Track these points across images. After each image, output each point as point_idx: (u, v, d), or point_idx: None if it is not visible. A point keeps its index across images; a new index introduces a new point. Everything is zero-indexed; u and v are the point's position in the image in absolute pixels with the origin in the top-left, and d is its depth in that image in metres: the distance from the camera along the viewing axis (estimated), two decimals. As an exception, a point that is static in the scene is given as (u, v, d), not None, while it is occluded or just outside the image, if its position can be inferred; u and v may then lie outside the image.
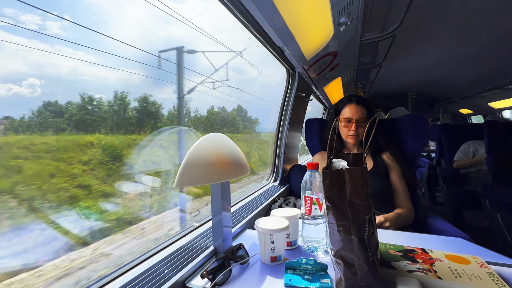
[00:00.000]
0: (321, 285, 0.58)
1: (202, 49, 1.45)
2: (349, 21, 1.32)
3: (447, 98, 4.41)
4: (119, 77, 0.94)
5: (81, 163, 1.14)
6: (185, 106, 1.45)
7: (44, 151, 0.95)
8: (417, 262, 0.63)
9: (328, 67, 1.91)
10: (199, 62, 1.41)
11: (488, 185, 1.98)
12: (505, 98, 3.58)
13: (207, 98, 1.53)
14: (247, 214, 1.09)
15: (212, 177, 0.63)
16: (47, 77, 0.73)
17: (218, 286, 0.60)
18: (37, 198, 0.92)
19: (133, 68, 0.98)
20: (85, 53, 0.80)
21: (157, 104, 1.51)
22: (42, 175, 0.95)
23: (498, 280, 0.54)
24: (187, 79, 1.31)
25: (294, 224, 0.78)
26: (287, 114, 1.76)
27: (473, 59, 2.51)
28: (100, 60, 0.85)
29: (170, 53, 1.11)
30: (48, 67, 0.73)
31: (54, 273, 0.91)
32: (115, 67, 0.91)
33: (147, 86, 1.08)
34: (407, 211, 1.10)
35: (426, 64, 2.87)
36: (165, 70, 1.16)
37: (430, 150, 4.53)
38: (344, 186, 0.54)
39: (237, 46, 1.44)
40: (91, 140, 1.13)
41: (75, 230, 1.05)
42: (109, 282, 0.62)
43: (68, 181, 1.05)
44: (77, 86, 0.82)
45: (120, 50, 0.92)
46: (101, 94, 0.99)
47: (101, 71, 0.86)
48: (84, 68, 0.81)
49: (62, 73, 0.77)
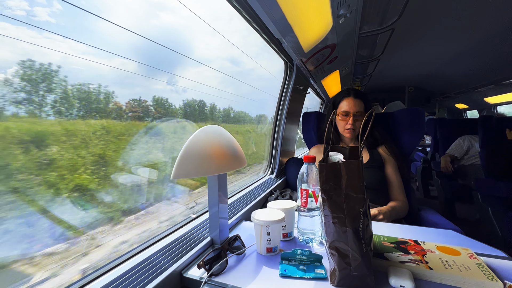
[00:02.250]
0: (316, 275, 0.59)
1: (197, 38, 1.42)
2: (348, 13, 1.31)
3: (443, 93, 4.43)
4: (114, 66, 0.92)
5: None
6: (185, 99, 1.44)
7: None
8: (409, 253, 0.65)
9: (326, 60, 1.90)
10: (196, 52, 1.38)
11: (481, 179, 2.01)
12: (500, 94, 3.61)
13: (203, 89, 1.51)
14: (243, 206, 1.10)
15: (209, 169, 0.64)
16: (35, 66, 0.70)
17: (215, 276, 0.61)
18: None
19: (127, 58, 0.96)
20: (75, 42, 0.77)
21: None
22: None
23: (487, 271, 0.55)
24: (180, 77, 1.29)
25: (290, 216, 0.79)
26: (285, 107, 1.76)
27: (470, 54, 2.52)
28: (92, 49, 0.82)
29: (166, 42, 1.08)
30: (37, 55, 0.71)
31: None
32: (107, 57, 0.88)
33: (141, 77, 1.06)
34: (401, 204, 1.12)
35: (423, 58, 2.86)
36: (155, 69, 1.14)
37: (426, 144, 4.58)
38: (340, 179, 0.55)
39: (234, 37, 1.41)
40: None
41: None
42: (107, 272, 0.62)
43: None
44: (68, 75, 0.79)
45: (112, 38, 0.89)
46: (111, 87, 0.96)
47: (93, 61, 0.84)
48: (74, 57, 0.78)
49: (52, 62, 0.74)
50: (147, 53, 1.05)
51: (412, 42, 2.32)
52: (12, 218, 0.65)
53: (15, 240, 0.66)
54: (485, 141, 2.11)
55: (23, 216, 0.67)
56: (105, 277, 0.59)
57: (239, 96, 2.02)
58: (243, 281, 0.59)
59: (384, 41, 2.13)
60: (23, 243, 0.68)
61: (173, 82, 1.27)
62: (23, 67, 0.67)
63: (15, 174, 0.66)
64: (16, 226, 0.66)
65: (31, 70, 0.70)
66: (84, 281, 0.59)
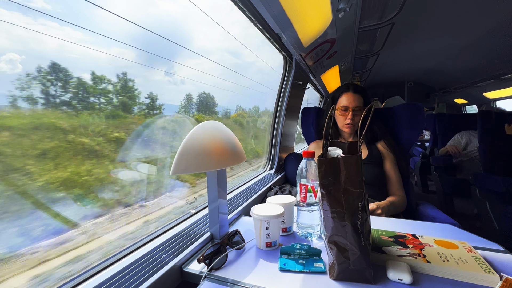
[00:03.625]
0: (315, 269, 0.60)
1: (197, 28, 1.40)
2: (347, 7, 1.29)
3: (443, 88, 4.41)
4: (111, 55, 0.90)
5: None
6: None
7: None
8: (407, 247, 0.65)
9: (326, 55, 1.89)
10: (195, 43, 1.36)
11: (479, 174, 2.02)
12: (499, 88, 3.60)
13: (203, 81, 1.49)
14: (243, 201, 1.10)
15: (208, 165, 0.64)
16: (30, 53, 0.68)
17: (215, 270, 0.62)
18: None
19: (125, 47, 0.94)
20: (72, 29, 0.76)
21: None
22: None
23: (484, 264, 0.56)
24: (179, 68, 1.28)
25: (289, 211, 0.79)
26: (284, 102, 1.75)
27: (469, 49, 2.50)
28: (88, 38, 0.81)
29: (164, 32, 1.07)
30: (33, 43, 0.69)
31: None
32: (105, 45, 0.87)
33: (139, 67, 1.04)
34: (400, 198, 1.13)
35: (423, 53, 2.84)
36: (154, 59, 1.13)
37: (424, 139, 4.59)
38: (339, 174, 0.55)
39: (234, 28, 1.38)
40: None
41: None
42: (108, 266, 0.63)
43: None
44: (64, 64, 0.77)
45: (110, 27, 0.87)
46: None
47: (90, 50, 0.82)
48: (71, 46, 0.76)
49: (48, 50, 0.73)
50: (145, 43, 1.03)
51: (412, 37, 2.30)
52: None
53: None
54: (484, 136, 2.12)
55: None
56: (106, 272, 0.60)
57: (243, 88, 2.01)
58: (243, 275, 0.60)
59: (384, 35, 2.12)
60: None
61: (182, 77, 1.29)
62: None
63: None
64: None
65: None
66: (85, 276, 0.59)
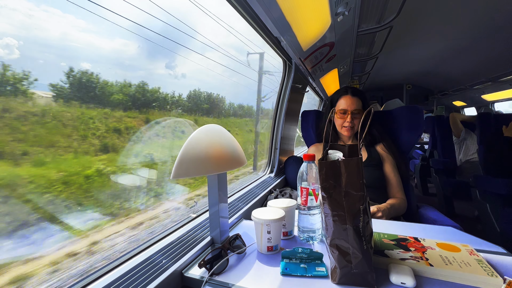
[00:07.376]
0: (317, 273, 0.59)
1: (201, 22, 1.40)
2: (346, 11, 1.31)
3: (441, 90, 4.44)
4: (114, 46, 0.89)
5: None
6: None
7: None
8: (409, 250, 0.65)
9: (325, 58, 1.90)
10: (198, 37, 1.35)
11: (479, 176, 2.02)
12: (498, 91, 3.62)
13: (207, 78, 1.49)
14: (243, 205, 1.10)
15: (208, 169, 0.63)
16: (32, 39, 0.67)
17: (216, 275, 0.61)
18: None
19: (128, 39, 0.93)
20: (75, 16, 0.75)
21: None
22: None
23: (487, 267, 0.56)
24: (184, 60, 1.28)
25: (290, 215, 0.79)
26: (283, 105, 1.76)
27: (467, 51, 2.52)
28: (91, 26, 0.80)
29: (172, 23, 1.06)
30: (36, 30, 0.68)
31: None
32: (109, 36, 0.86)
33: (143, 59, 1.03)
34: (400, 201, 1.12)
35: (421, 56, 2.87)
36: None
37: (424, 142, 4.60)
38: (340, 177, 0.55)
39: (239, 23, 1.39)
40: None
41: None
42: (108, 272, 0.62)
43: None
44: (67, 53, 0.76)
45: (114, 16, 0.87)
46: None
47: (94, 39, 0.81)
48: (75, 34, 0.76)
49: (52, 38, 0.72)
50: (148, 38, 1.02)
51: (410, 40, 2.33)
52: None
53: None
54: (483, 138, 2.12)
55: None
56: (106, 278, 0.59)
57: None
58: (244, 279, 0.59)
59: (382, 39, 2.14)
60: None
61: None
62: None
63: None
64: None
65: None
66: (85, 282, 0.58)
